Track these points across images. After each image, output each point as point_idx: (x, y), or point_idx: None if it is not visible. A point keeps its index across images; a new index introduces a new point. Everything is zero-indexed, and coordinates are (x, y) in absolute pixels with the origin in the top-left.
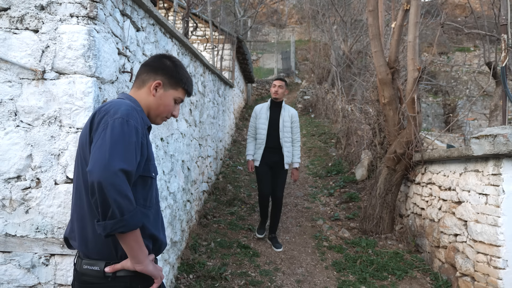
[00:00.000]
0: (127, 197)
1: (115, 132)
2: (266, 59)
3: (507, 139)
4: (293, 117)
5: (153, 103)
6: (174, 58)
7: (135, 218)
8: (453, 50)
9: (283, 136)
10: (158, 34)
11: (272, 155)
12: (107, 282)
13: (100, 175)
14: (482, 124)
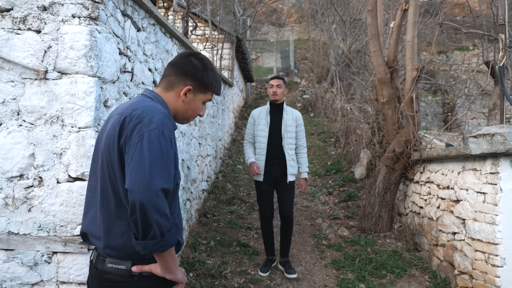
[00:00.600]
0: (166, 216)
1: (153, 147)
2: (266, 58)
3: (504, 138)
4: (297, 120)
5: (182, 108)
6: (202, 57)
7: (173, 236)
8: (452, 49)
9: (286, 143)
10: (158, 34)
11: (275, 167)
12: (133, 281)
13: (142, 196)
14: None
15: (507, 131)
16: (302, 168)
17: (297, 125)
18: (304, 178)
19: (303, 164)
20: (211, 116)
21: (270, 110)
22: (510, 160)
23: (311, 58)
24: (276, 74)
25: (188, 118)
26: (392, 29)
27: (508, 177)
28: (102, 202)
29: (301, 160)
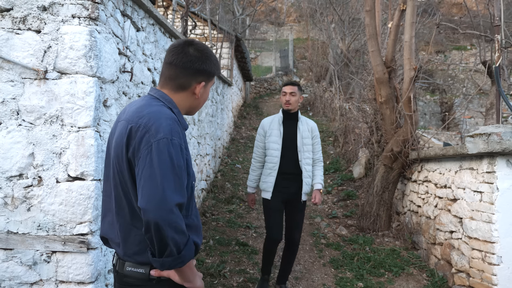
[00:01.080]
0: (182, 232)
1: (163, 159)
2: (265, 57)
3: (500, 137)
4: (313, 131)
5: (196, 102)
6: (198, 46)
7: (190, 251)
8: (450, 49)
9: (303, 158)
10: (157, 33)
11: (288, 184)
12: (151, 285)
13: (156, 215)
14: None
15: (503, 130)
16: (316, 179)
17: (313, 137)
18: (318, 189)
19: (318, 176)
20: (210, 115)
21: (283, 120)
22: (506, 160)
23: (310, 57)
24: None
25: (199, 108)
26: (390, 29)
27: (504, 176)
28: (117, 210)
29: (316, 172)
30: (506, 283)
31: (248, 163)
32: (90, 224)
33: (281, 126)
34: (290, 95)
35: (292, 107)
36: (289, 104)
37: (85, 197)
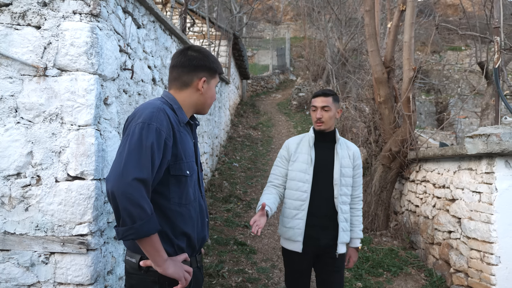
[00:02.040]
0: (139, 206)
1: (134, 139)
2: (261, 56)
3: (500, 138)
4: (355, 159)
5: (201, 99)
6: (197, 48)
7: (146, 226)
8: (445, 49)
9: (340, 194)
10: (158, 31)
11: (319, 232)
12: (140, 274)
13: (113, 185)
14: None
15: (503, 131)
16: (354, 231)
17: (354, 166)
18: (355, 248)
19: (357, 226)
20: (207, 114)
21: (314, 141)
22: (505, 160)
23: (307, 56)
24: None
25: (209, 106)
26: (389, 29)
27: (503, 176)
28: None
29: (355, 219)
30: (504, 283)
31: (245, 162)
32: (90, 225)
33: (313, 150)
34: (322, 111)
35: (325, 127)
36: (321, 123)
37: (85, 197)
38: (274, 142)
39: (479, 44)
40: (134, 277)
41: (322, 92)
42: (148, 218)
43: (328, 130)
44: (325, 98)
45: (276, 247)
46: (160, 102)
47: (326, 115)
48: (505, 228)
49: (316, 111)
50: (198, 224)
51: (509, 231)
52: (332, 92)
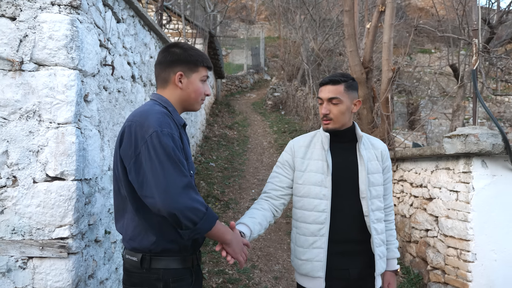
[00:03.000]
0: (194, 209)
1: (157, 150)
2: (236, 55)
3: (477, 138)
4: (384, 159)
5: (184, 95)
6: (179, 43)
7: (207, 223)
8: (415, 52)
9: (372, 209)
10: (137, 26)
11: (349, 262)
12: (142, 273)
13: (164, 204)
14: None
15: (480, 132)
16: (390, 249)
17: (384, 169)
18: (394, 271)
19: (392, 243)
20: (184, 113)
21: (330, 143)
22: (482, 160)
23: (281, 56)
24: (331, 75)
25: (196, 101)
26: (368, 30)
27: (480, 176)
28: (115, 198)
29: (388, 233)
30: (480, 279)
31: (222, 161)
32: (70, 227)
33: (329, 154)
34: (329, 104)
35: (334, 125)
36: (329, 121)
37: (65, 199)
38: (250, 142)
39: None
40: (136, 276)
41: (330, 78)
42: (206, 214)
43: (341, 127)
44: (333, 86)
45: (255, 247)
46: (159, 106)
47: (335, 109)
48: (481, 226)
49: (322, 106)
50: None
51: (484, 229)
52: (345, 78)
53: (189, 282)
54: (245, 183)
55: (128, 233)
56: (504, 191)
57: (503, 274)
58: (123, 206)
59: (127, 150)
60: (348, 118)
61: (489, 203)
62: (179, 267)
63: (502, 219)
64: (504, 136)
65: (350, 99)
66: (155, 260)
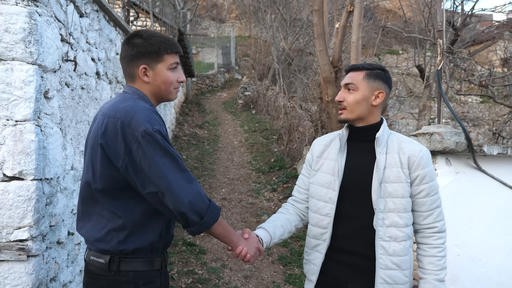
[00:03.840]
0: (199, 202)
1: (153, 147)
2: (206, 54)
3: (442, 137)
4: (413, 168)
5: (153, 88)
6: (141, 31)
7: (212, 216)
8: (384, 53)
9: (385, 225)
10: (102, 21)
11: (350, 276)
12: (110, 275)
13: (173, 203)
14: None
15: (444, 130)
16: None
17: (415, 178)
18: None
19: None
20: None
21: (347, 142)
22: (446, 158)
23: (252, 55)
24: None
25: (169, 92)
26: (337, 30)
27: (444, 173)
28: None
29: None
30: None
31: (192, 161)
32: (30, 229)
33: (343, 154)
34: (345, 91)
35: (348, 115)
36: (343, 110)
37: (24, 199)
38: (221, 141)
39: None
40: (103, 279)
41: (353, 65)
42: (210, 207)
43: (358, 123)
44: (353, 73)
45: (225, 246)
46: (140, 101)
47: (349, 97)
48: (445, 222)
49: (341, 91)
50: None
51: (448, 225)
52: (369, 65)
53: (158, 284)
54: (215, 182)
55: (93, 234)
56: (466, 188)
57: (466, 268)
58: (91, 205)
59: (113, 148)
60: (367, 111)
61: (452, 200)
62: (148, 269)
63: (464, 215)
64: (467, 135)
65: (369, 89)
66: (124, 262)
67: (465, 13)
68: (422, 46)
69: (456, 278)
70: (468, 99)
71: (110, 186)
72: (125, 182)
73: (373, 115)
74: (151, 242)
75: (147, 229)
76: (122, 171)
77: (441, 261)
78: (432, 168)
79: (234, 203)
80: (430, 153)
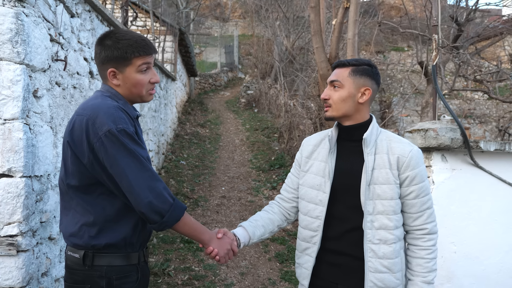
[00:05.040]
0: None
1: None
2: (209, 53)
3: (437, 133)
4: (403, 169)
5: (124, 90)
6: (112, 32)
7: (173, 215)
8: (389, 50)
9: (374, 227)
10: (94, 21)
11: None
12: (85, 270)
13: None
14: (414, 120)
15: (439, 126)
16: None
17: (403, 182)
18: None
19: (418, 274)
20: (153, 110)
21: (337, 142)
22: (441, 154)
23: (255, 54)
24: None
25: (141, 94)
26: (334, 26)
27: (439, 170)
28: (60, 194)
29: (416, 262)
30: (440, 271)
31: (193, 159)
32: (19, 225)
33: (333, 155)
34: (330, 88)
35: (333, 113)
36: (328, 108)
37: (13, 196)
38: (222, 140)
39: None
40: (78, 273)
41: (338, 61)
42: (172, 206)
43: (344, 120)
44: (339, 69)
45: None
46: (110, 99)
47: (334, 95)
48: (441, 219)
49: (326, 90)
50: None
51: (444, 222)
52: (355, 61)
53: (134, 279)
54: (215, 181)
55: (68, 229)
56: (462, 184)
57: (463, 265)
58: (68, 201)
59: (79, 145)
60: (353, 108)
61: (448, 197)
62: (123, 264)
63: (461, 211)
64: (462, 131)
65: (355, 86)
66: (98, 257)
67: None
68: (425, 42)
69: (453, 275)
70: (474, 96)
71: (81, 182)
72: (94, 179)
73: (361, 113)
74: (124, 238)
75: (120, 225)
76: (89, 168)
77: (430, 263)
78: (423, 168)
79: (233, 201)
80: (421, 153)
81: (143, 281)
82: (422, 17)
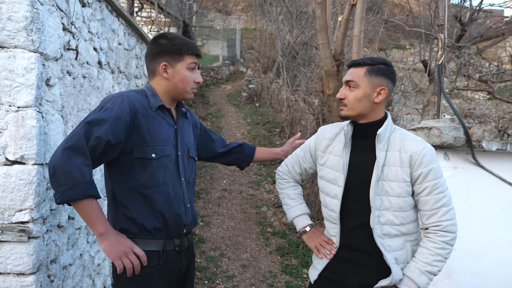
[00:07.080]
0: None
1: None
2: (211, 46)
3: (440, 131)
4: (415, 166)
5: (170, 85)
6: (166, 33)
7: (68, 192)
8: (391, 47)
9: (380, 222)
10: (104, 11)
11: (351, 272)
12: None
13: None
14: (414, 118)
15: (443, 125)
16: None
17: (417, 178)
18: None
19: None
20: None
21: (352, 138)
22: (444, 153)
23: (257, 48)
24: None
25: (185, 91)
26: (339, 23)
27: (442, 168)
28: None
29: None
30: None
31: None
32: (31, 212)
33: (348, 151)
34: (346, 88)
35: (348, 112)
36: (343, 107)
37: (25, 183)
38: (224, 133)
39: (423, 43)
40: None
41: (353, 61)
42: (77, 183)
43: (360, 119)
44: (354, 69)
45: (224, 236)
46: (133, 92)
47: (350, 94)
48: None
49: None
50: (170, 206)
51: None
52: (371, 61)
53: (154, 264)
54: (216, 174)
55: None
56: (464, 183)
57: (462, 262)
58: None
59: None
60: (369, 108)
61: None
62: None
63: (461, 210)
64: (465, 130)
65: (370, 85)
66: None
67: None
68: (428, 41)
69: (451, 272)
70: (475, 96)
71: None
72: None
73: (376, 112)
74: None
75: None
76: None
77: (434, 257)
78: (437, 166)
79: (234, 194)
80: (434, 151)
81: (167, 268)
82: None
